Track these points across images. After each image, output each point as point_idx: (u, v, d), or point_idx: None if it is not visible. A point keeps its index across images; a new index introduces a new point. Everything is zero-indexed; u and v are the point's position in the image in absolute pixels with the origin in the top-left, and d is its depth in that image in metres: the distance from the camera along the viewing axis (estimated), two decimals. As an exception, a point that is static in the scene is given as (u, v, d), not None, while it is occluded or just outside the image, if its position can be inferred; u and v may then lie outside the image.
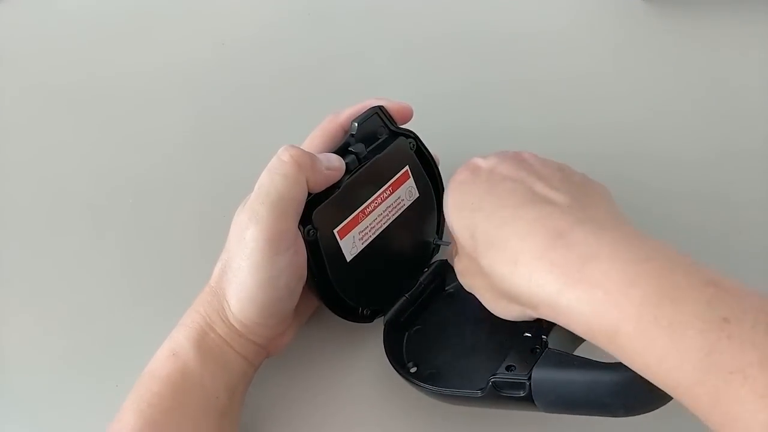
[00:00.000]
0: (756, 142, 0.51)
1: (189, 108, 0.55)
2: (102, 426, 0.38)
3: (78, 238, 0.49)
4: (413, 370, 0.38)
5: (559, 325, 0.31)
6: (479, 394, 0.33)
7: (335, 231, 0.38)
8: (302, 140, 0.41)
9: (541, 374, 0.30)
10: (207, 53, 0.58)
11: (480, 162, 0.37)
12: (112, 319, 0.45)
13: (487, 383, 0.32)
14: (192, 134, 0.54)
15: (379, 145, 0.40)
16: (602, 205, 0.33)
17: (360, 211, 0.39)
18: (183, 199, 0.50)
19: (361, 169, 0.39)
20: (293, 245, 0.35)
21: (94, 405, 0.41)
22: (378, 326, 0.41)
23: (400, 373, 0.38)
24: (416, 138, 0.42)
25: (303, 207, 0.36)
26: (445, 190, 0.38)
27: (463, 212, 0.35)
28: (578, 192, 0.33)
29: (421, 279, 0.42)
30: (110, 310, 0.45)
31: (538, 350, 0.32)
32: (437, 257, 0.44)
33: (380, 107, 0.41)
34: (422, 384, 0.36)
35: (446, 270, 0.43)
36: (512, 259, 0.31)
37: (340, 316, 0.40)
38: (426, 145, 0.43)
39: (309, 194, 0.36)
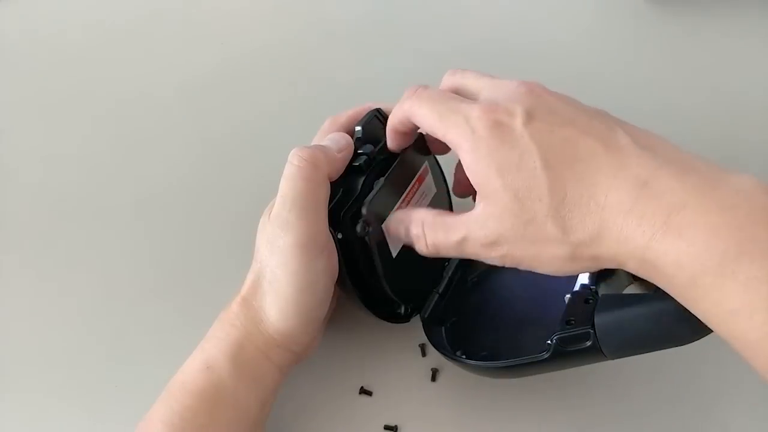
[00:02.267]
0: (758, 142, 0.51)
1: (191, 110, 0.55)
2: (101, 426, 0.38)
3: (77, 239, 0.49)
4: (463, 356, 0.38)
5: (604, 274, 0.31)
6: (546, 355, 0.32)
7: (384, 226, 0.37)
8: (303, 142, 0.41)
9: (603, 318, 0.30)
10: (209, 55, 0.58)
11: (502, 117, 0.31)
12: (111, 320, 0.45)
13: (552, 342, 0.32)
14: (192, 134, 0.54)
15: (384, 145, 0.40)
16: (659, 139, 0.32)
17: (400, 204, 0.38)
18: (184, 200, 0.50)
19: (395, 164, 0.38)
20: (326, 247, 0.35)
21: (93, 406, 0.41)
22: (390, 326, 0.41)
23: (456, 360, 0.37)
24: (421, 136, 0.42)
25: (329, 206, 0.35)
26: (465, 157, 0.33)
27: (518, 174, 0.30)
28: (627, 128, 0.32)
29: (445, 273, 0.43)
30: (110, 311, 0.45)
31: (590, 301, 0.32)
32: None
33: (378, 109, 0.41)
34: (486, 364, 0.36)
35: (464, 261, 0.43)
36: (596, 216, 0.29)
37: (379, 317, 0.40)
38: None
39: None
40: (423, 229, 0.35)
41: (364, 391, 0.41)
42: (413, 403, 0.40)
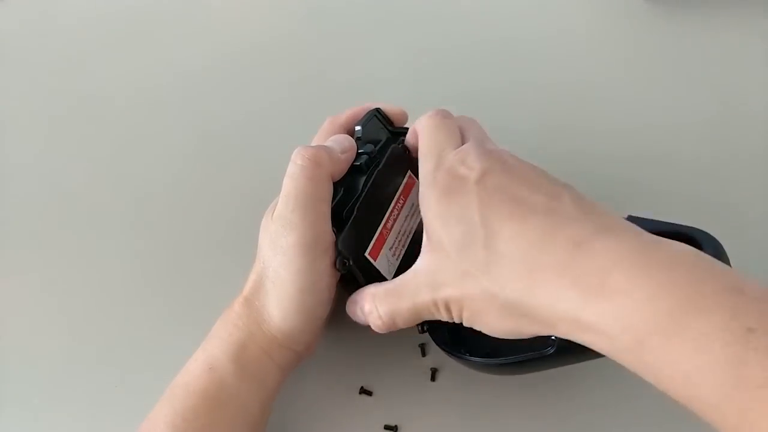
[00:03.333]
0: (757, 142, 0.51)
1: (189, 108, 0.55)
2: (101, 427, 0.38)
3: (77, 238, 0.49)
4: (467, 354, 0.37)
5: None
6: (551, 351, 0.32)
7: (366, 255, 0.37)
8: (302, 140, 0.41)
9: None
10: (208, 54, 0.58)
11: (462, 170, 0.32)
12: (111, 320, 0.45)
13: (556, 338, 0.31)
14: (192, 134, 0.54)
15: (383, 145, 0.40)
16: (602, 209, 0.31)
17: (382, 228, 0.38)
18: (183, 201, 0.50)
19: (367, 188, 0.37)
20: (329, 247, 0.35)
21: (93, 407, 0.41)
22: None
23: (459, 357, 0.37)
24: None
25: (331, 206, 0.36)
26: (421, 194, 0.34)
27: (458, 226, 0.31)
28: (574, 196, 0.32)
29: None
30: (109, 311, 0.45)
31: None
32: None
33: (377, 109, 0.41)
34: (489, 361, 0.35)
35: None
36: (527, 274, 0.29)
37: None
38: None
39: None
40: (374, 303, 0.35)
41: (364, 391, 0.41)
42: (413, 403, 0.40)
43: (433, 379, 0.41)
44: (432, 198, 0.33)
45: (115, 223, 0.49)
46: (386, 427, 0.40)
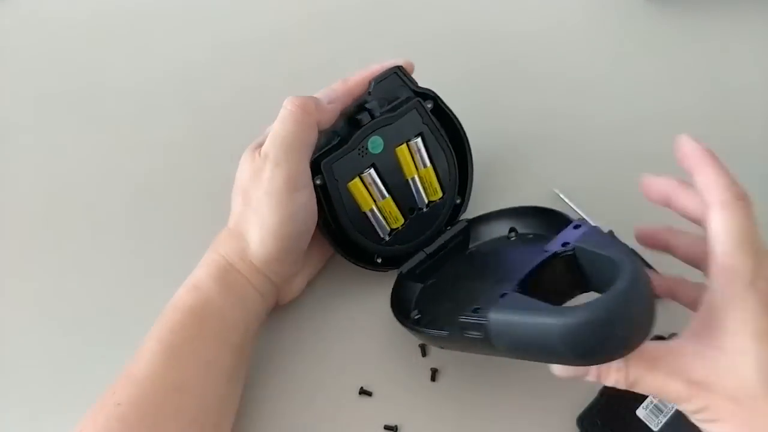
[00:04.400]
0: (756, 141, 0.51)
1: (188, 107, 0.55)
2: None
3: (76, 236, 0.49)
4: (417, 316, 0.40)
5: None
6: (445, 333, 0.34)
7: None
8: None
9: (497, 316, 0.30)
10: (207, 53, 0.58)
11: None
12: (110, 321, 0.45)
13: (455, 324, 0.33)
14: (191, 133, 0.54)
15: (396, 105, 0.42)
16: None
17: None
18: (182, 198, 0.50)
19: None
20: (307, 185, 0.39)
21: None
22: (390, 328, 0.42)
23: (397, 318, 0.40)
24: (436, 98, 0.43)
25: (313, 149, 0.39)
26: (731, 288, 0.29)
27: None
28: None
29: (442, 237, 0.44)
30: (109, 311, 0.45)
31: (505, 295, 0.32)
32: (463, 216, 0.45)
33: (399, 67, 0.42)
34: (408, 323, 0.39)
35: (471, 230, 0.44)
36: None
37: (354, 263, 0.43)
38: (447, 104, 0.43)
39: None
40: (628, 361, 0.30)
41: (364, 391, 0.41)
42: (413, 403, 0.40)
43: (433, 379, 0.41)
44: (749, 305, 0.29)
45: (113, 223, 0.49)
46: (386, 427, 0.40)
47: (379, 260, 0.43)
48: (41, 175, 0.52)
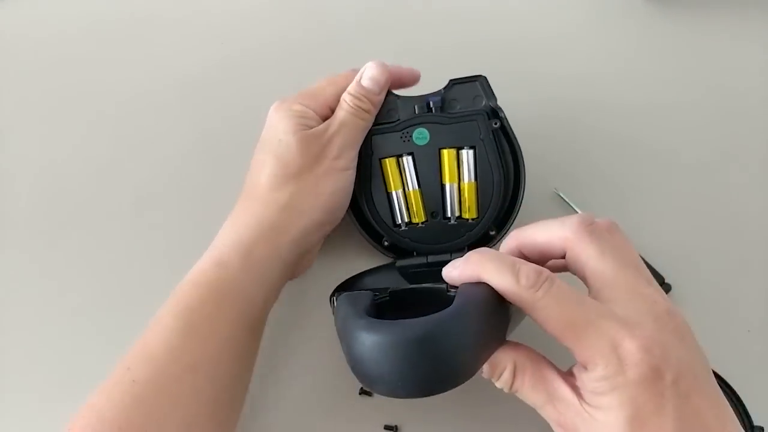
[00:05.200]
0: (756, 141, 0.51)
1: (188, 107, 0.55)
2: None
3: (77, 238, 0.49)
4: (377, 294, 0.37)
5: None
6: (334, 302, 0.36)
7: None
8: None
9: (340, 301, 0.33)
10: (207, 56, 0.58)
11: (660, 364, 0.28)
12: (110, 320, 0.45)
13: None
14: (190, 136, 0.54)
15: (459, 111, 0.43)
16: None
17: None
18: (183, 200, 0.50)
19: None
20: (354, 166, 0.42)
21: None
22: None
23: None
24: (504, 120, 0.43)
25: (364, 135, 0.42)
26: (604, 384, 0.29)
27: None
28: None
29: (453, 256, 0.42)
30: (109, 311, 0.46)
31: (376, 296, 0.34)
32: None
33: (483, 77, 0.44)
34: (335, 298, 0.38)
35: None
36: None
37: (360, 231, 0.44)
38: (512, 129, 0.44)
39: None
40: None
41: (364, 392, 0.41)
42: (413, 403, 0.40)
43: (433, 379, 0.41)
44: (628, 399, 0.28)
45: (116, 224, 0.49)
46: (386, 427, 0.40)
47: (386, 243, 0.43)
48: (41, 176, 0.52)
